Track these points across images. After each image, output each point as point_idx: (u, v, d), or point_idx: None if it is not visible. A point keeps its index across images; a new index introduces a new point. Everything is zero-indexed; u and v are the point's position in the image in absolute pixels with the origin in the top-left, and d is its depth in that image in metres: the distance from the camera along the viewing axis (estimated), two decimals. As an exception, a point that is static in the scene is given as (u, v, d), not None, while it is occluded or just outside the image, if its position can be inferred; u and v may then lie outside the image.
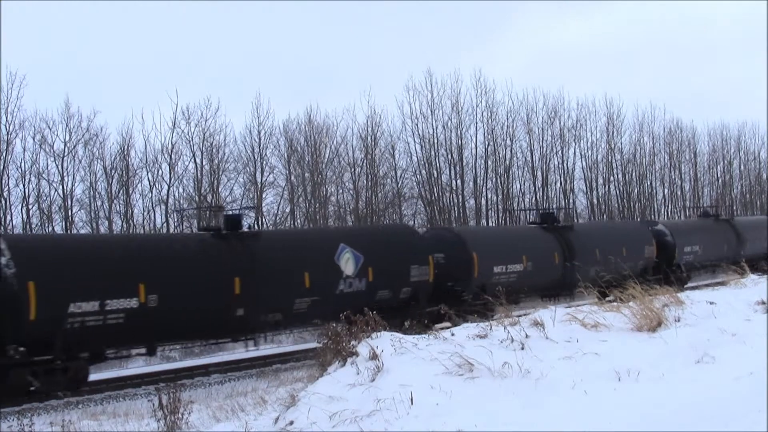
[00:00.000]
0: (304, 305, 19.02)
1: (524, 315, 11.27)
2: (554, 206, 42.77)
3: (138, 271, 16.39)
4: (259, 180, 38.77)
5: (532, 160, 45.80)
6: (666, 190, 54.31)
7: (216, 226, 19.69)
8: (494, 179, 44.45)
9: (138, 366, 20.91)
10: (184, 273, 17.20)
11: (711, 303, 12.52)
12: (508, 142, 44.95)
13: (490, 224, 43.28)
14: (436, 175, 42.74)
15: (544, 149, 46.47)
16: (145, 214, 35.90)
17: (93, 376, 18.49)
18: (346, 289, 19.72)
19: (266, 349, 22.22)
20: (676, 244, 30.98)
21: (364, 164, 41.47)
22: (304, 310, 19.03)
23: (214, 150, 37.31)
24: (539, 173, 46.03)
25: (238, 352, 21.88)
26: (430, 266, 21.77)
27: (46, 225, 33.80)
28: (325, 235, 23.70)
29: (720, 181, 58.46)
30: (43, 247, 16.49)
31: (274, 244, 20.01)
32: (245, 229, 19.39)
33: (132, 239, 22.21)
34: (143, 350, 17.50)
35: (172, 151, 36.28)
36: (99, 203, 35.12)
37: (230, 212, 22.39)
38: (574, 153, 48.07)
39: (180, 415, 8.76)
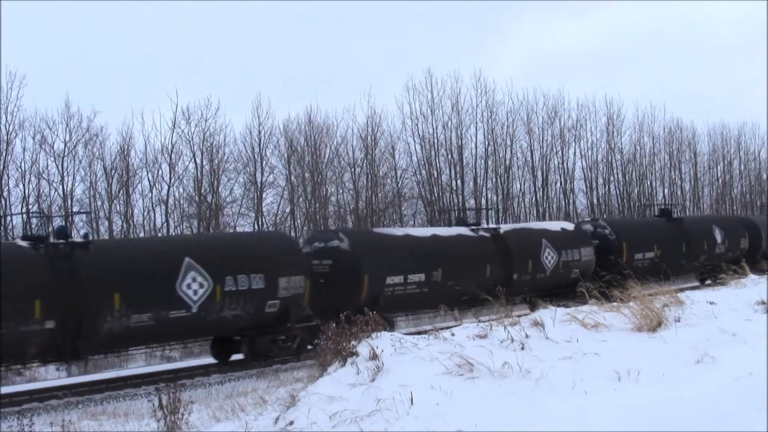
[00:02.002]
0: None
1: (524, 315, 11.28)
2: (554, 206, 42.75)
3: None
4: (259, 180, 38.78)
5: (532, 160, 45.84)
6: (666, 190, 54.33)
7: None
8: (494, 179, 44.48)
9: (138, 366, 20.93)
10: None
11: (711, 303, 12.52)
12: (508, 142, 45.00)
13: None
14: (436, 175, 42.75)
15: (544, 149, 46.50)
16: (145, 214, 35.93)
17: (93, 376, 18.57)
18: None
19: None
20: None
21: (364, 164, 41.49)
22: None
23: (214, 150, 37.33)
24: (539, 173, 46.05)
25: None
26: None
27: (47, 225, 33.79)
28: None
29: (720, 181, 58.48)
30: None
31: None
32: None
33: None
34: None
35: (172, 151, 36.30)
36: (99, 203, 35.16)
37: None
38: (574, 153, 48.14)
39: (180, 415, 8.76)
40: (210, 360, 20.06)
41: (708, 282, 30.39)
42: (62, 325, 15.62)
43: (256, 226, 37.37)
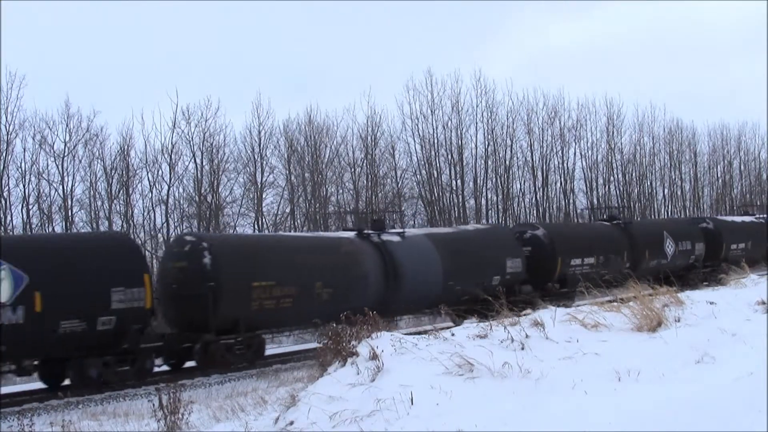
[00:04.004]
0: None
1: (525, 315, 11.26)
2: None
3: None
4: (259, 180, 38.78)
5: (533, 160, 45.85)
6: (666, 191, 54.36)
7: None
8: (494, 179, 44.48)
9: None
10: None
11: (711, 303, 12.52)
12: (508, 142, 45.01)
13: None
14: (436, 175, 42.76)
15: (544, 149, 46.51)
16: (145, 214, 35.93)
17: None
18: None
19: (266, 349, 22.19)
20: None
21: (364, 164, 41.49)
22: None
23: (214, 150, 37.32)
24: (539, 173, 46.05)
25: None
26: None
27: (47, 225, 33.81)
28: None
29: (720, 181, 58.49)
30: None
31: None
32: None
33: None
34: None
35: (172, 151, 36.29)
36: (99, 203, 35.15)
37: None
38: (574, 153, 48.16)
39: (180, 416, 8.76)
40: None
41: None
42: None
43: (256, 226, 37.42)
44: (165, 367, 18.37)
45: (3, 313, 14.69)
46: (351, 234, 22.26)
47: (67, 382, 16.71)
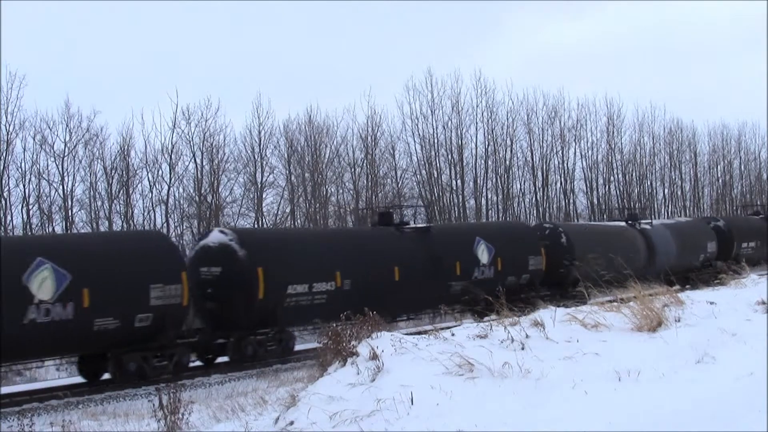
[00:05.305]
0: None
1: (524, 316, 11.26)
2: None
3: None
4: (259, 180, 38.82)
5: (533, 160, 45.90)
6: (666, 190, 54.40)
7: None
8: (494, 179, 44.54)
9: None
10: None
11: (711, 303, 12.51)
12: (509, 142, 45.08)
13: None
14: (436, 175, 42.80)
15: (545, 149, 46.58)
16: (146, 214, 35.96)
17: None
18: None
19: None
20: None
21: (364, 164, 41.53)
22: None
23: (214, 150, 37.40)
24: (539, 173, 46.10)
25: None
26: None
27: (47, 225, 33.84)
28: None
29: (720, 181, 58.51)
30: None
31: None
32: None
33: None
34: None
35: (172, 151, 36.36)
36: (99, 203, 35.18)
37: None
38: (575, 153, 48.23)
39: (180, 416, 8.75)
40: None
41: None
42: None
43: (256, 226, 37.42)
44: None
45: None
46: (623, 223, 31.03)
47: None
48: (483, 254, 23.04)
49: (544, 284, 25.48)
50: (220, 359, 18.82)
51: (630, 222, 31.43)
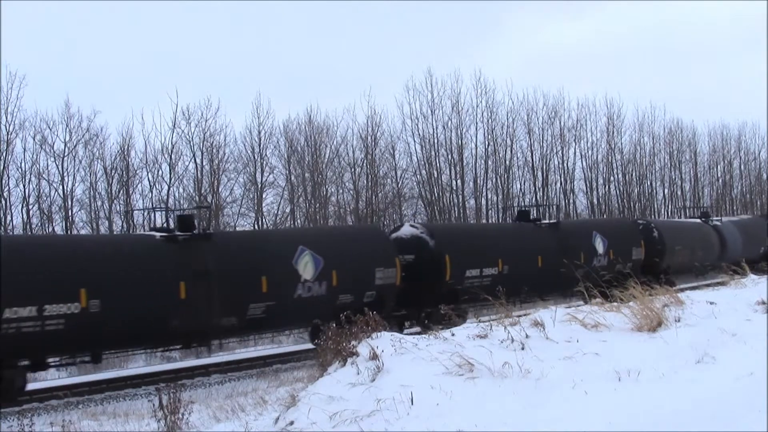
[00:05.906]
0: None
1: (524, 315, 11.28)
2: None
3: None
4: (259, 180, 38.82)
5: (533, 160, 45.86)
6: (666, 190, 54.38)
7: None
8: (494, 179, 44.51)
9: (138, 366, 20.92)
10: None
11: (711, 303, 12.53)
12: (509, 142, 45.03)
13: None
14: (436, 175, 42.77)
15: (545, 149, 46.54)
16: (145, 214, 35.93)
17: (93, 376, 18.52)
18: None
19: (266, 349, 22.23)
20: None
21: (364, 164, 41.50)
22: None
23: (214, 150, 37.38)
24: (539, 173, 46.08)
25: (239, 352, 21.88)
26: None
27: (47, 225, 33.84)
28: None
29: (720, 181, 58.50)
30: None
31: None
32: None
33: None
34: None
35: (172, 151, 36.34)
36: (99, 203, 35.17)
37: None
38: (575, 153, 48.18)
39: (180, 416, 8.74)
40: (210, 360, 20.03)
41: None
42: None
43: (256, 226, 37.43)
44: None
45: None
46: (699, 221, 34.45)
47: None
48: (599, 245, 26.74)
49: (642, 272, 27.25)
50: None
51: (703, 219, 35.21)
